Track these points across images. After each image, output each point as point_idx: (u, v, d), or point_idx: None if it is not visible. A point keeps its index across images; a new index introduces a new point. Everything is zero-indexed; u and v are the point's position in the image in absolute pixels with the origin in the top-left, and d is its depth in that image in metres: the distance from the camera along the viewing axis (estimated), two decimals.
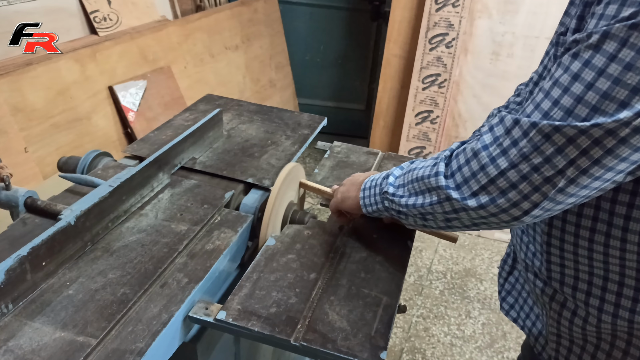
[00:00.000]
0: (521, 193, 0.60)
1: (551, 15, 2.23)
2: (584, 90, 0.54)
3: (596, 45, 0.54)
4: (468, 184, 0.64)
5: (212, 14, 2.63)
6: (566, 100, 0.55)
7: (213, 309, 0.81)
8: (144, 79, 2.18)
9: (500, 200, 0.61)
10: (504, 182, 0.60)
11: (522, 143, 0.58)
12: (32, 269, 0.76)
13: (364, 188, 0.87)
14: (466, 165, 0.64)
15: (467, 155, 0.65)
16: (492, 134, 0.62)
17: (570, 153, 0.55)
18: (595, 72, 0.53)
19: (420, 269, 2.38)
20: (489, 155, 0.61)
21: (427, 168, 0.72)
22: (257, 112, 1.44)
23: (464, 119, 2.51)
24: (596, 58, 0.53)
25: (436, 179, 0.69)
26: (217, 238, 0.94)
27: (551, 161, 0.57)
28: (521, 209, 0.61)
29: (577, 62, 0.55)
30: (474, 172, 0.63)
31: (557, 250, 0.76)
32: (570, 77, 0.56)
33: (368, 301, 0.84)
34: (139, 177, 0.98)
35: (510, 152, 0.59)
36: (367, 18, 3.08)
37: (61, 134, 1.90)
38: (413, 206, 0.74)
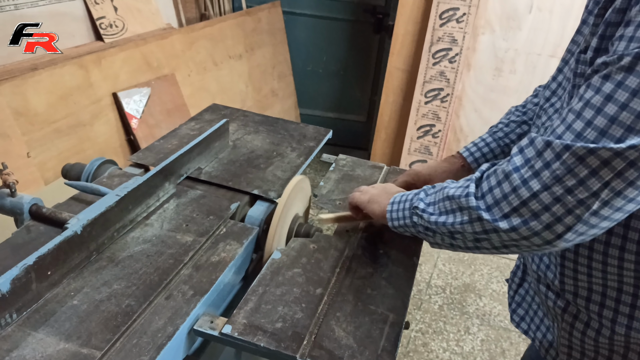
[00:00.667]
0: (554, 215, 0.59)
1: (553, 32, 2.25)
2: (618, 110, 0.54)
3: (629, 67, 0.54)
4: (499, 205, 0.64)
5: (216, 22, 2.64)
6: (600, 120, 0.55)
7: (218, 322, 0.80)
8: (148, 86, 2.18)
9: (532, 223, 0.61)
10: (536, 204, 0.60)
11: (554, 165, 0.58)
12: (37, 279, 0.75)
13: (393, 202, 0.85)
14: (497, 187, 0.64)
15: (499, 177, 0.64)
16: (523, 155, 0.62)
17: (605, 175, 0.55)
18: (629, 92, 0.54)
19: (419, 283, 2.37)
20: (521, 177, 0.61)
21: (459, 188, 0.71)
22: (263, 122, 1.44)
23: (465, 133, 2.52)
24: (629, 79, 0.54)
25: (467, 199, 0.68)
26: (223, 250, 0.93)
27: (585, 183, 0.56)
28: (554, 232, 0.60)
29: (609, 83, 0.56)
30: (505, 194, 0.63)
31: (571, 263, 0.76)
32: (603, 98, 0.56)
33: (375, 318, 0.83)
34: (145, 187, 0.97)
35: (543, 175, 0.59)
36: (369, 30, 3.10)
37: (63, 139, 1.89)
38: (443, 224, 0.73)
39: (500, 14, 2.30)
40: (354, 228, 1.06)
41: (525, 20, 2.28)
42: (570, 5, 2.18)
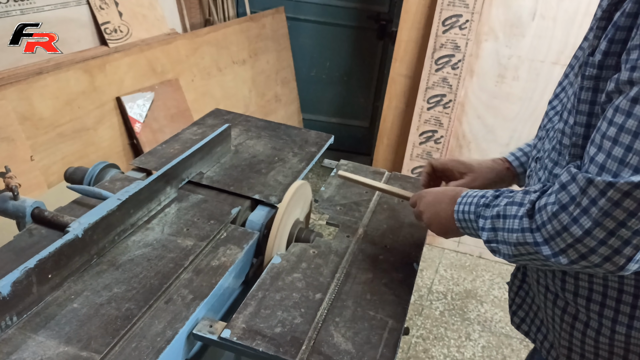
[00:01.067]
0: (612, 248, 0.59)
1: (556, 39, 2.25)
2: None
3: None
4: (555, 241, 0.63)
5: (220, 28, 2.66)
6: (639, 145, 0.55)
7: (217, 326, 0.80)
8: (152, 91, 2.20)
9: (591, 257, 0.61)
10: (591, 240, 0.60)
11: (601, 202, 0.58)
12: (38, 282, 0.76)
13: (458, 219, 0.81)
14: (549, 223, 0.64)
15: (548, 214, 0.64)
16: (567, 193, 0.62)
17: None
18: None
19: (420, 289, 2.37)
20: (570, 215, 0.61)
21: (515, 221, 0.69)
22: (265, 128, 1.45)
23: (468, 140, 2.52)
24: None
25: (523, 236, 0.68)
26: (223, 254, 0.94)
27: (636, 215, 0.56)
28: (615, 264, 0.60)
29: (639, 106, 0.55)
30: (557, 231, 0.63)
31: None
32: (638, 122, 0.55)
33: (374, 324, 0.83)
34: (146, 191, 0.98)
35: (592, 212, 0.59)
36: (373, 36, 3.11)
37: (67, 143, 1.90)
38: (506, 256, 0.73)
39: (503, 21, 2.31)
40: (353, 231, 1.06)
41: (528, 27, 2.28)
42: (574, 13, 2.18)
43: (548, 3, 2.22)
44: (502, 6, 2.29)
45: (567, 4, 2.18)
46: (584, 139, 0.67)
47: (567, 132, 0.71)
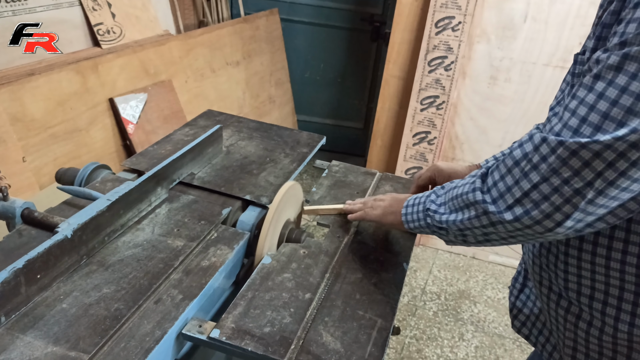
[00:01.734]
0: (553, 204, 0.63)
1: (548, 42, 2.27)
2: (609, 107, 0.58)
3: (617, 66, 0.58)
4: (504, 198, 0.68)
5: (214, 29, 2.66)
6: (593, 117, 0.59)
7: (207, 326, 0.80)
8: (145, 92, 2.19)
9: (534, 212, 0.65)
10: (536, 194, 0.64)
11: (550, 159, 0.62)
12: (27, 282, 0.76)
13: (407, 205, 0.90)
14: (501, 180, 0.68)
15: (502, 172, 0.69)
16: (522, 150, 0.66)
17: (597, 166, 0.59)
18: (619, 90, 0.58)
19: (414, 290, 2.38)
20: (522, 170, 0.65)
21: (466, 185, 0.76)
22: (257, 129, 1.45)
23: (461, 141, 2.53)
24: (619, 78, 0.58)
25: (474, 194, 0.73)
26: (213, 255, 0.94)
27: (580, 174, 0.61)
28: (554, 220, 0.64)
29: (600, 82, 0.60)
30: (508, 186, 0.67)
31: (575, 260, 0.77)
32: (595, 96, 0.60)
33: (362, 323, 0.84)
34: (137, 192, 0.98)
35: (541, 167, 0.63)
36: (367, 38, 3.12)
37: (59, 144, 1.90)
38: (453, 222, 0.77)
39: (495, 23, 2.32)
40: (344, 232, 1.07)
41: (520, 30, 2.30)
42: (565, 15, 2.20)
43: (539, 6, 2.24)
44: (494, 9, 2.30)
45: (559, 7, 2.20)
46: None
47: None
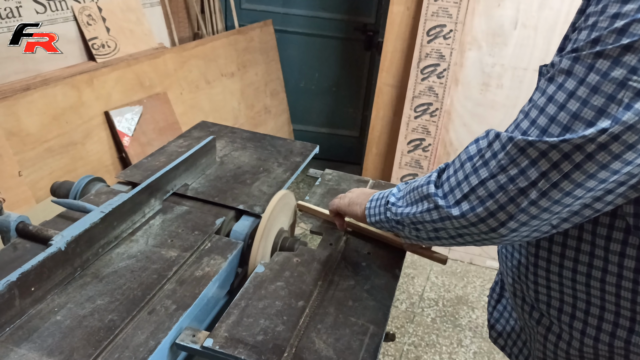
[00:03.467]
0: (497, 203, 0.63)
1: (538, 48, 2.29)
2: (557, 111, 0.58)
3: (567, 70, 0.58)
4: (453, 192, 0.68)
5: (208, 41, 2.68)
6: (542, 120, 0.59)
7: (200, 336, 0.81)
8: (140, 105, 2.21)
9: (479, 209, 0.64)
10: (483, 191, 0.64)
11: (500, 155, 0.62)
12: (21, 295, 0.77)
13: (372, 199, 0.91)
14: (454, 175, 0.69)
15: (455, 166, 0.69)
16: (477, 145, 0.66)
17: (543, 166, 0.59)
18: (567, 94, 0.58)
19: (412, 296, 2.38)
20: (473, 165, 0.65)
21: (423, 178, 0.76)
22: (251, 139, 1.46)
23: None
24: (568, 82, 0.58)
25: (427, 187, 0.73)
26: (207, 264, 0.95)
27: (525, 173, 0.60)
28: (498, 220, 0.64)
29: (552, 85, 0.60)
30: (459, 181, 0.67)
31: (544, 272, 0.78)
32: (546, 99, 0.60)
33: (355, 330, 0.84)
34: (130, 204, 0.99)
35: (491, 164, 0.63)
36: (360, 47, 3.15)
37: (55, 158, 1.91)
38: (407, 215, 0.77)
39: (486, 30, 2.35)
40: (337, 239, 1.08)
41: (510, 36, 2.32)
42: (554, 21, 2.23)
43: (529, 12, 2.27)
44: (484, 16, 2.33)
45: (547, 13, 2.23)
46: None
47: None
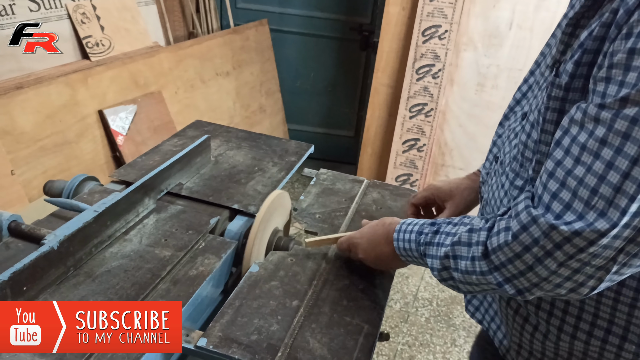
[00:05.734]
0: (576, 282, 0.61)
1: (534, 49, 2.30)
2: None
3: (625, 132, 0.54)
4: (519, 279, 0.64)
5: (204, 41, 2.68)
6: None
7: (194, 335, 0.81)
8: (135, 104, 2.20)
9: (557, 290, 0.63)
10: (557, 278, 0.62)
11: (566, 247, 0.58)
12: (13, 294, 0.76)
13: (402, 255, 0.83)
14: (510, 263, 0.64)
15: (507, 255, 0.64)
16: (530, 235, 0.61)
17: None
18: (629, 160, 0.54)
19: (406, 296, 2.38)
20: (534, 256, 0.61)
21: (469, 263, 0.69)
22: (246, 138, 1.46)
23: (450, 147, 2.56)
24: (627, 145, 0.54)
25: (484, 278, 0.67)
26: (201, 264, 0.95)
27: (600, 255, 0.58)
28: (580, 294, 0.63)
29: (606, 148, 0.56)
30: (521, 271, 0.63)
31: None
32: (604, 164, 0.56)
33: (350, 329, 0.84)
34: (124, 203, 0.98)
35: (556, 255, 0.59)
36: (356, 47, 3.15)
37: (48, 157, 1.90)
38: (466, 291, 0.75)
39: (481, 31, 2.36)
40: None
41: (506, 37, 2.33)
42: (550, 23, 2.24)
43: (524, 14, 2.28)
44: (480, 17, 2.34)
45: (543, 15, 2.24)
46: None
47: (530, 146, 0.72)
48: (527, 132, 0.73)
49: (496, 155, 0.87)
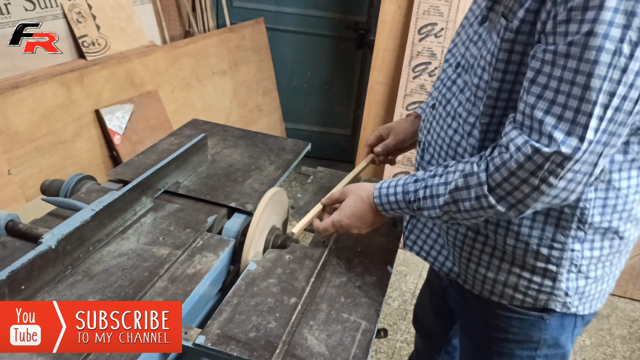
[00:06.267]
0: (570, 190, 0.74)
1: None
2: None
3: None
4: (524, 201, 0.76)
5: (200, 39, 2.67)
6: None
7: (192, 333, 0.81)
8: (131, 103, 2.20)
9: (555, 201, 0.76)
10: (556, 191, 0.74)
11: (546, 166, 0.73)
12: (10, 293, 0.76)
13: (381, 203, 0.92)
14: (516, 190, 0.76)
15: (514, 183, 0.75)
16: (522, 154, 0.73)
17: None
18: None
19: (404, 294, 2.39)
20: (539, 178, 0.73)
21: (474, 202, 0.80)
22: (242, 137, 1.46)
23: None
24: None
25: (492, 209, 0.78)
26: (199, 262, 0.95)
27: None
28: (572, 198, 0.76)
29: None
30: (526, 193, 0.75)
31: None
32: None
33: (347, 326, 0.85)
34: (121, 201, 0.98)
35: (557, 172, 0.73)
36: (352, 46, 3.15)
37: (44, 156, 1.89)
38: (464, 220, 0.85)
39: None
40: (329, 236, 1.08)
41: None
42: None
43: None
44: None
45: None
46: (498, 92, 0.80)
47: (482, 87, 0.83)
48: (478, 75, 0.84)
49: (434, 103, 0.98)
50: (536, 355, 0.94)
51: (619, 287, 2.53)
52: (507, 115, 0.79)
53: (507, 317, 0.93)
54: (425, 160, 1.00)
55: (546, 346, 0.93)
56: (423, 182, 0.86)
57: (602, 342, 2.21)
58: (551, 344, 0.93)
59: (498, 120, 0.83)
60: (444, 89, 0.96)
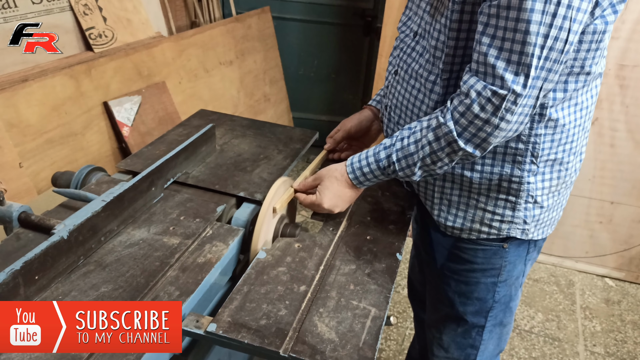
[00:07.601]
0: (521, 122, 0.86)
1: None
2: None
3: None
4: (487, 140, 0.87)
5: (206, 30, 2.66)
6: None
7: (204, 321, 0.82)
8: (139, 94, 2.21)
9: (510, 134, 0.87)
10: (513, 125, 0.85)
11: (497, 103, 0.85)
12: (25, 283, 0.77)
13: (356, 177, 1.00)
14: (479, 131, 0.86)
15: (478, 125, 0.85)
16: (482, 96, 0.83)
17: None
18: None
19: None
20: (498, 117, 0.84)
21: (448, 149, 0.90)
22: (250, 126, 1.46)
23: None
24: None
25: (462, 151, 0.89)
26: (209, 251, 0.96)
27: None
28: (522, 129, 0.88)
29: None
30: (488, 132, 0.85)
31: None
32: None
33: (357, 313, 0.85)
34: (131, 192, 0.99)
35: (512, 109, 0.84)
36: (359, 33, 3.13)
37: (55, 149, 1.91)
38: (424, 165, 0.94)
39: None
40: (338, 225, 1.08)
41: None
42: None
43: None
44: None
45: None
46: (455, 49, 0.92)
47: (440, 47, 0.94)
48: (435, 37, 0.95)
49: (397, 69, 1.09)
50: (498, 282, 1.10)
51: (630, 272, 2.51)
52: (464, 70, 0.89)
53: (473, 250, 1.07)
54: (393, 122, 1.11)
55: (506, 271, 1.09)
56: (392, 147, 0.96)
57: (612, 328, 2.21)
58: (510, 269, 1.09)
59: (456, 75, 0.94)
60: (405, 56, 1.07)
